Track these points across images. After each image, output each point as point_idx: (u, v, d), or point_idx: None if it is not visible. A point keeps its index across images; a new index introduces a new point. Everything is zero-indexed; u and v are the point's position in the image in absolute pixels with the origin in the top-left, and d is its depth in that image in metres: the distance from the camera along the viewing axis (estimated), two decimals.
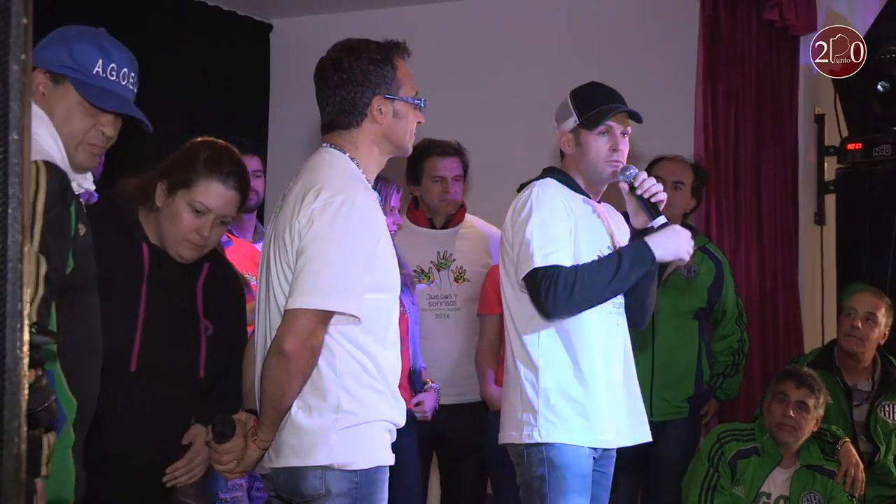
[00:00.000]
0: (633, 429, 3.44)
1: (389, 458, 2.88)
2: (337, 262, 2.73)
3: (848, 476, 4.46)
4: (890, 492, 4.69)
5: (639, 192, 3.30)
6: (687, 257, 3.34)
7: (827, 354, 4.85)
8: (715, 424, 4.90)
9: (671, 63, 5.76)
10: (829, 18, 5.44)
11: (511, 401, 3.37)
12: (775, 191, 5.48)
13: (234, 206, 3.03)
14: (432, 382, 4.32)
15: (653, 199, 3.30)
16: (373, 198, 2.86)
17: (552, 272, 3.21)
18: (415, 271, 4.65)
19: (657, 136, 5.42)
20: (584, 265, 3.26)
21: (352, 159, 2.88)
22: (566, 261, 3.24)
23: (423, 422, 4.26)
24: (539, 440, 3.28)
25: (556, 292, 3.20)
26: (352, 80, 2.89)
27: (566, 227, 3.31)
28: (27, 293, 1.33)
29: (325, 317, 2.73)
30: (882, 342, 4.79)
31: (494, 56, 6.10)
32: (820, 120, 5.76)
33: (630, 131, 3.44)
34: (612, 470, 3.47)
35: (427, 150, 4.62)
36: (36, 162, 2.33)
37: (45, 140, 2.43)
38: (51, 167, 2.34)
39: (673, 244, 3.29)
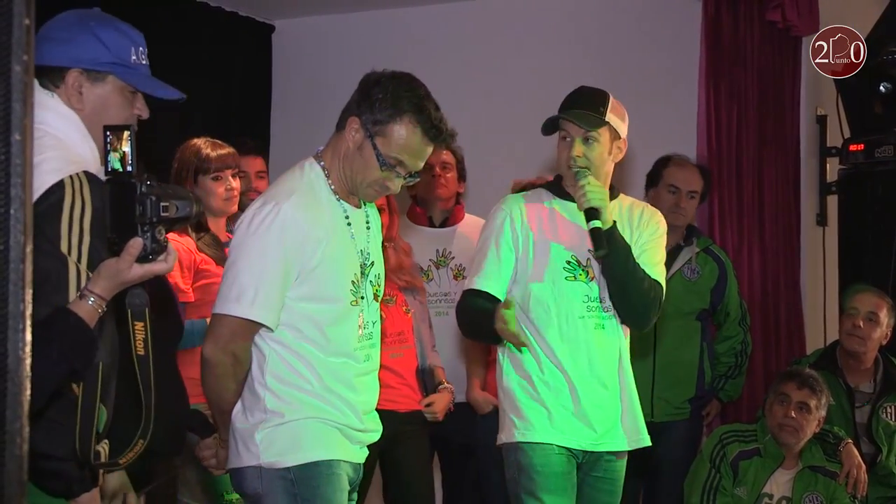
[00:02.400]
0: (632, 432, 3.44)
1: (333, 453, 2.86)
2: (251, 270, 2.77)
3: (850, 477, 4.46)
4: (892, 493, 4.69)
5: (576, 193, 3.35)
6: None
7: (829, 355, 4.85)
8: (717, 425, 4.90)
9: (673, 64, 5.76)
10: (830, 19, 5.43)
11: (499, 402, 3.53)
12: (777, 191, 5.48)
13: None
14: (447, 382, 4.30)
15: (581, 207, 3.32)
16: (316, 207, 2.83)
17: (462, 298, 3.44)
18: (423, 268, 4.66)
19: (660, 136, 5.43)
20: (471, 307, 3.41)
21: (324, 169, 2.90)
22: (484, 284, 3.38)
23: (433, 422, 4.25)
24: (505, 440, 3.39)
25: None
26: (360, 90, 2.89)
27: (504, 247, 3.40)
28: (29, 294, 1.33)
29: (240, 323, 2.79)
30: (884, 343, 4.79)
31: (495, 57, 6.10)
32: (822, 121, 5.75)
33: (598, 136, 3.38)
34: (615, 475, 3.45)
35: None
36: (78, 175, 2.32)
37: (78, 145, 2.42)
38: (91, 179, 2.33)
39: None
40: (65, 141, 2.40)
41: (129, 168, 2.24)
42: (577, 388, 3.36)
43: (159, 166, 3.48)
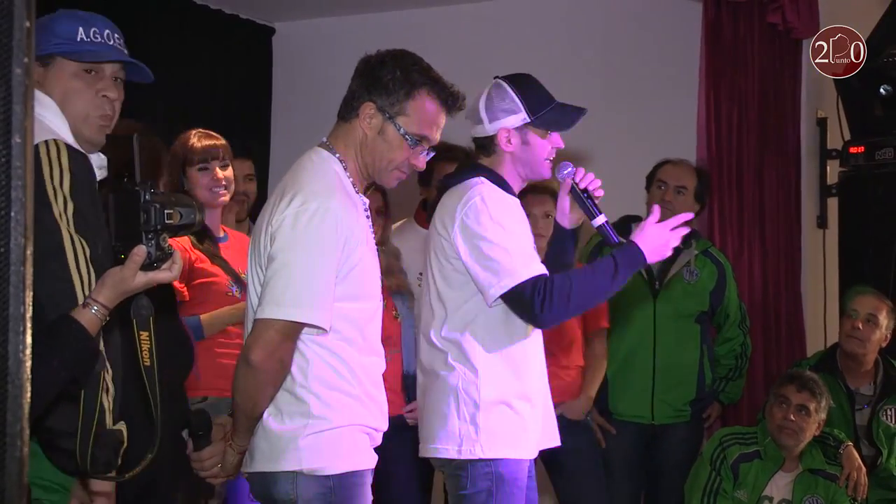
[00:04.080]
0: (548, 434, 3.36)
1: (367, 462, 2.83)
2: (305, 272, 2.68)
3: (850, 480, 4.46)
4: (892, 495, 4.69)
5: (582, 186, 3.24)
6: (669, 252, 3.23)
7: (829, 358, 4.85)
8: (718, 428, 4.90)
9: (674, 66, 5.76)
10: (830, 21, 5.43)
11: (440, 410, 3.18)
12: (778, 194, 5.48)
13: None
14: None
15: (592, 196, 3.24)
16: (351, 205, 2.78)
17: (544, 283, 3.08)
18: (421, 274, 4.64)
19: (660, 139, 5.43)
20: (577, 272, 3.18)
21: (340, 161, 2.83)
22: (543, 268, 3.13)
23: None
24: (483, 455, 3.14)
25: (553, 303, 3.06)
26: (363, 76, 2.84)
27: (527, 231, 3.24)
28: (29, 296, 1.33)
29: (293, 328, 2.69)
30: (884, 345, 4.79)
31: (495, 60, 6.08)
32: (822, 123, 5.75)
33: None
34: (534, 472, 3.38)
35: (438, 153, 4.61)
36: (55, 141, 2.31)
37: (57, 125, 2.42)
38: (71, 149, 2.33)
39: (661, 245, 3.18)
40: (41, 120, 2.39)
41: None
42: (540, 396, 3.28)
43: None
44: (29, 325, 1.33)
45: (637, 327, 4.70)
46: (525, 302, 3.09)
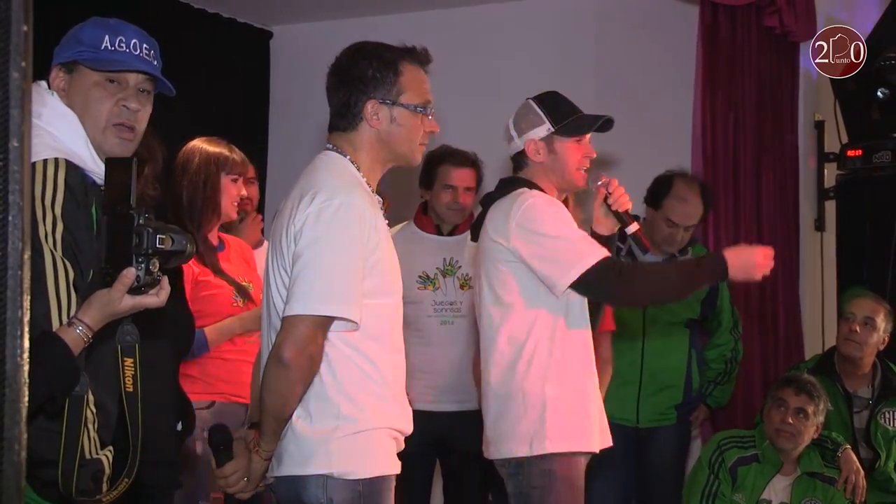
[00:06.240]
0: (605, 433, 3.44)
1: (395, 467, 2.81)
2: (333, 266, 2.68)
3: (849, 483, 4.46)
4: (890, 498, 4.69)
5: (610, 201, 3.44)
6: (758, 277, 3.33)
7: (827, 361, 4.85)
8: (707, 430, 4.90)
9: (670, 70, 5.76)
10: (828, 24, 5.44)
11: (509, 411, 3.30)
12: (775, 197, 5.49)
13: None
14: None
15: (621, 209, 3.44)
16: (371, 201, 2.79)
17: (614, 261, 3.30)
18: (420, 277, 4.64)
19: (656, 142, 5.44)
20: (654, 263, 3.39)
21: (352, 162, 2.84)
22: (605, 251, 3.30)
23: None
24: (553, 451, 3.24)
25: (625, 276, 3.25)
26: (347, 82, 2.87)
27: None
28: (27, 300, 1.33)
29: (323, 323, 2.68)
30: (881, 348, 4.79)
31: (491, 64, 6.10)
32: (820, 126, 5.76)
33: None
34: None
35: (442, 157, 4.62)
36: (55, 159, 2.28)
37: (71, 139, 2.39)
38: (70, 166, 2.30)
39: (749, 263, 3.29)
40: (54, 134, 2.37)
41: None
42: (596, 394, 3.39)
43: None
44: (27, 328, 1.33)
45: (626, 331, 4.68)
46: (601, 280, 3.23)
